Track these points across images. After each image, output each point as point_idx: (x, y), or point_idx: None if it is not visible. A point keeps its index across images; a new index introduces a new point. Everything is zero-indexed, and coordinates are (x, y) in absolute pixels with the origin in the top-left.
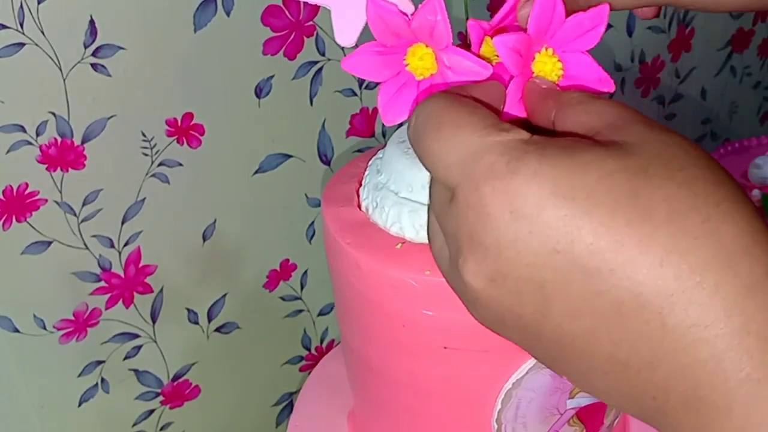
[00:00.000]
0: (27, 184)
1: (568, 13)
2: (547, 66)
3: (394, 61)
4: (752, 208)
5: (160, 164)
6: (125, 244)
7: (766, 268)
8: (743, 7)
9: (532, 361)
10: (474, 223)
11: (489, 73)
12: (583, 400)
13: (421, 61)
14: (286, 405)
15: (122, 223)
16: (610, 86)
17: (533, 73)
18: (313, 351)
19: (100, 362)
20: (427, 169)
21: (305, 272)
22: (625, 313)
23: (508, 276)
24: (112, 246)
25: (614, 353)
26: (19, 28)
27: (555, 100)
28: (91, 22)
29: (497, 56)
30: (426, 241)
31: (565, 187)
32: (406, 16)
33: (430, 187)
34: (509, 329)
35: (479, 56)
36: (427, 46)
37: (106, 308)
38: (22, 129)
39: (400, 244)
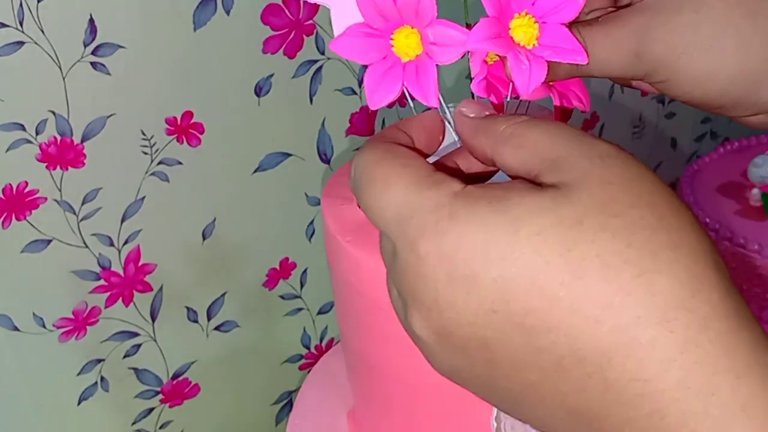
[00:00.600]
0: (27, 183)
1: None
2: (523, 29)
3: (381, 45)
4: (699, 249)
5: (160, 163)
6: (125, 243)
7: (703, 320)
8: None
9: None
10: (413, 284)
11: (474, 41)
12: None
13: (406, 40)
14: (286, 403)
15: (122, 221)
16: (582, 58)
17: (510, 30)
18: (312, 349)
19: (99, 361)
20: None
21: (305, 271)
22: (567, 367)
23: (452, 334)
24: (112, 244)
25: (564, 402)
26: (19, 27)
27: (487, 137)
28: (91, 21)
29: (496, 56)
30: None
31: (495, 249)
32: None
33: (380, 237)
34: (465, 380)
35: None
36: (413, 27)
37: (106, 307)
38: (22, 127)
39: None
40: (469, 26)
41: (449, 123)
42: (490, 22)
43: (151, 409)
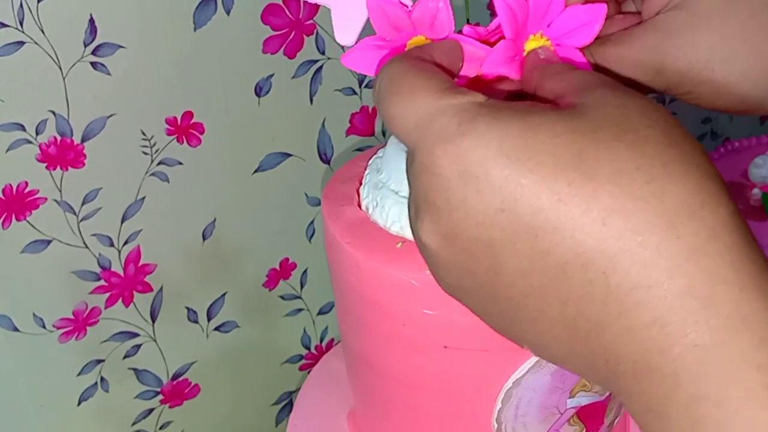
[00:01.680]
0: (27, 183)
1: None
2: (538, 44)
3: (393, 55)
4: (709, 169)
5: (160, 163)
6: (125, 243)
7: (711, 231)
8: (743, 108)
9: (532, 361)
10: (427, 185)
11: (490, 67)
12: (583, 399)
13: None
14: (286, 404)
15: (122, 221)
16: (597, 20)
17: (524, 52)
18: (312, 350)
19: (99, 361)
20: (392, 133)
21: (305, 271)
22: (569, 272)
23: (459, 235)
24: (112, 245)
25: (563, 313)
26: (19, 27)
27: (540, 71)
28: (91, 21)
29: None
30: None
31: (510, 148)
32: (406, 7)
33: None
34: (467, 291)
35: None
36: (427, 38)
37: (106, 307)
38: (22, 128)
39: (400, 243)
40: (470, 23)
41: None
42: (507, 45)
43: (151, 410)
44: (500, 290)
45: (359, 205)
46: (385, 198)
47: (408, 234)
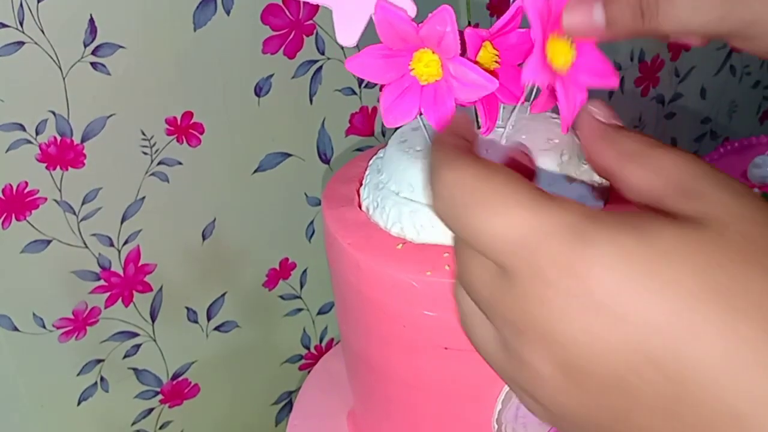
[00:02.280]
0: (27, 183)
1: None
2: (560, 48)
3: (399, 64)
4: None
5: (160, 163)
6: (125, 243)
7: None
8: None
9: None
10: (537, 312)
11: (495, 87)
12: None
13: (426, 68)
14: (286, 404)
15: (122, 221)
16: (614, 81)
17: (548, 58)
18: (312, 350)
19: (99, 361)
20: (469, 245)
21: (305, 271)
22: (720, 428)
23: (584, 370)
24: (112, 245)
25: None
26: (19, 27)
27: (611, 146)
28: (91, 21)
29: (496, 62)
30: (427, 241)
31: (647, 284)
32: (414, 22)
33: (462, 259)
34: (586, 424)
35: (476, 63)
36: (433, 52)
37: (106, 307)
38: (22, 128)
39: (400, 245)
40: (471, 25)
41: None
42: (541, 55)
43: (151, 410)
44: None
45: (360, 206)
46: (386, 199)
47: (408, 235)
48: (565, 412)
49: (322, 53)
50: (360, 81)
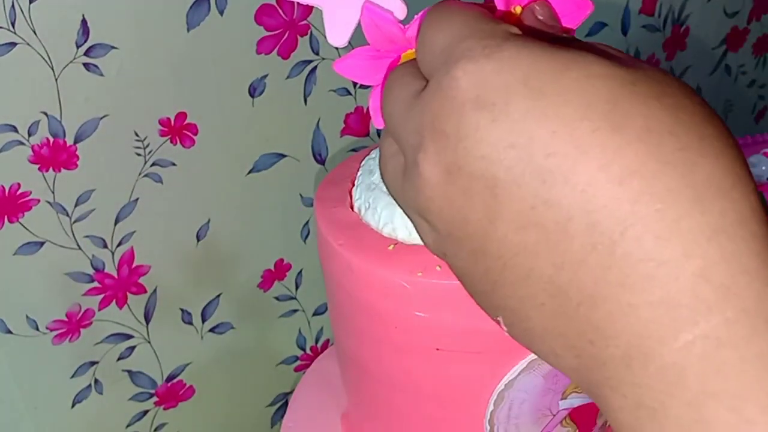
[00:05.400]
0: (19, 185)
1: None
2: None
3: (386, 65)
4: (740, 157)
5: (154, 164)
6: (118, 245)
7: (739, 215)
8: None
9: (524, 363)
10: (439, 109)
11: None
12: (575, 401)
13: None
14: (281, 405)
15: (115, 223)
16: (587, 6)
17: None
18: (308, 351)
19: (93, 363)
20: (417, 59)
21: (300, 272)
22: (572, 231)
23: (462, 169)
24: (105, 246)
25: (554, 278)
26: (11, 28)
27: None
28: (83, 22)
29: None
30: (419, 242)
31: (537, 80)
32: (401, 24)
33: (388, 96)
34: (455, 242)
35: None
36: None
37: (100, 309)
38: (14, 129)
39: (392, 245)
40: None
41: None
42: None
43: (146, 412)
44: (491, 244)
45: (351, 207)
46: (378, 199)
47: (400, 236)
48: (440, 226)
49: (317, 53)
50: (354, 81)
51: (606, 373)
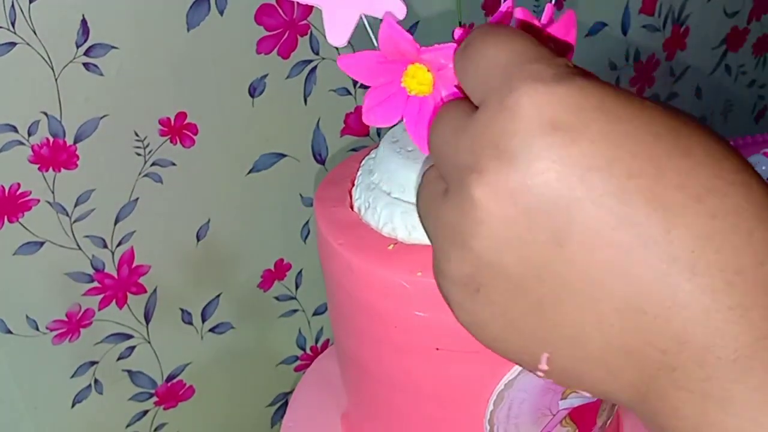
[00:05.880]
0: (19, 185)
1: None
2: None
3: (391, 70)
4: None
5: (153, 164)
6: (118, 245)
7: None
8: None
9: None
10: (504, 128)
11: None
12: (575, 400)
13: (419, 86)
14: (281, 405)
15: (115, 223)
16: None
17: None
18: (308, 351)
19: (93, 363)
20: (462, 80)
21: (300, 272)
22: (651, 247)
23: (531, 189)
24: (105, 246)
25: (629, 295)
26: (11, 28)
27: None
28: (83, 22)
29: None
30: (418, 242)
31: (612, 105)
32: (418, 46)
33: (436, 124)
34: (498, 272)
35: None
36: (428, 70)
37: (99, 309)
38: (14, 129)
39: (392, 245)
40: (462, 26)
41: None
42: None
43: (146, 412)
44: (554, 267)
45: (351, 207)
46: (377, 199)
47: (400, 235)
48: (493, 244)
49: (317, 53)
50: (355, 81)
51: (674, 376)
